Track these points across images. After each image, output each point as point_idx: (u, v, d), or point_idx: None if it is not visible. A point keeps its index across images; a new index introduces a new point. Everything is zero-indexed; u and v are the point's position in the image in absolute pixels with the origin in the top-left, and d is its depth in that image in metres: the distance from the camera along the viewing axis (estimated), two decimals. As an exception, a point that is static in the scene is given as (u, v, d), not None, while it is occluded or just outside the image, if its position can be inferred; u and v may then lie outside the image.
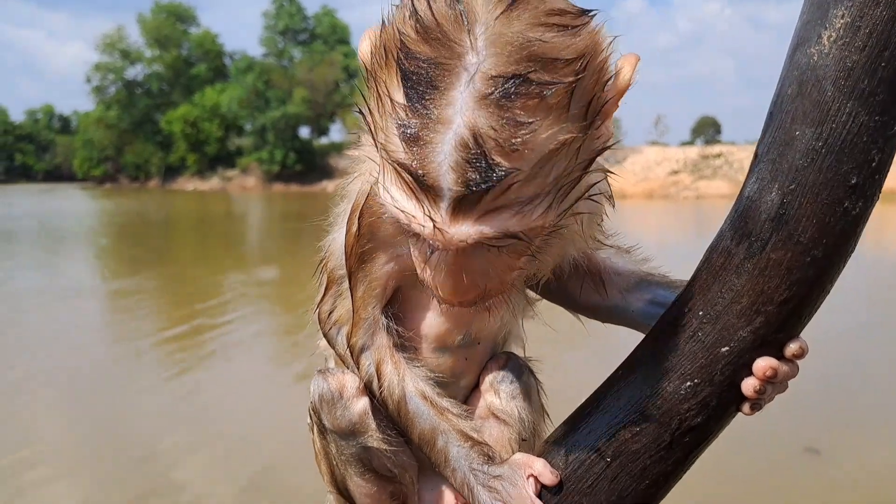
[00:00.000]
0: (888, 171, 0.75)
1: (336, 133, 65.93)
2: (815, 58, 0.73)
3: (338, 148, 57.44)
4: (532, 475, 0.84)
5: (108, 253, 16.28)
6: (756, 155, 0.78)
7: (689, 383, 0.78)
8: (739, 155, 41.69)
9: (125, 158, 64.55)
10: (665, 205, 34.40)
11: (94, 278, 12.58)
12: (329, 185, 52.09)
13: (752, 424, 4.91)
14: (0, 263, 13.13)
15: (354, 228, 0.89)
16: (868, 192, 0.73)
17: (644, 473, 0.81)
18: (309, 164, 55.96)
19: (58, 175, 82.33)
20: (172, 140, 62.41)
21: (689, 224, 25.33)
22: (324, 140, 61.57)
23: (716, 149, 44.26)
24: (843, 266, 0.77)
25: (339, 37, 63.06)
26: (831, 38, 0.72)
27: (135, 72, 65.01)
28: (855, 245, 0.77)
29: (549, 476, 0.83)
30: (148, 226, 25.15)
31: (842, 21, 0.71)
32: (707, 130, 73.34)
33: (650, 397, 0.80)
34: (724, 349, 0.77)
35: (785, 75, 0.76)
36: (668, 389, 0.79)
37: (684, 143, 58.30)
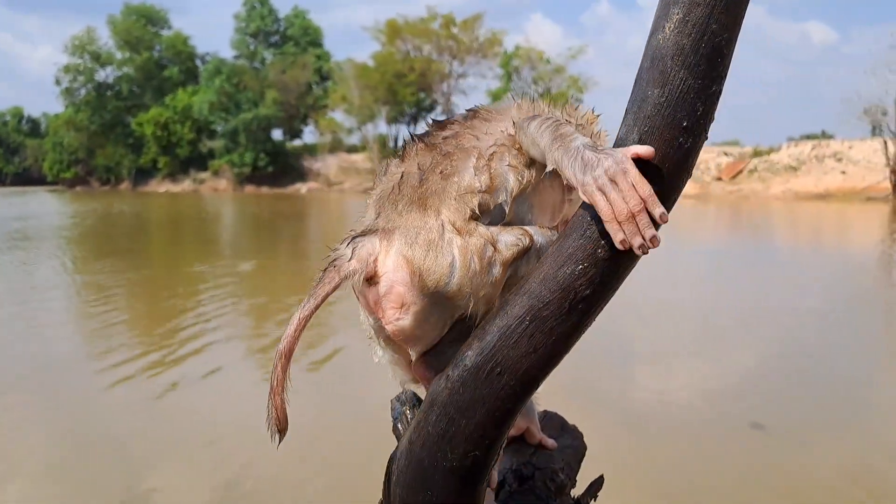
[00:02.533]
0: (712, 117, 1.11)
1: (309, 135, 65.60)
2: (661, 41, 1.09)
3: (311, 150, 57.40)
4: (637, 153, 1.07)
5: (79, 254, 16.32)
6: (626, 110, 1.14)
7: (580, 266, 1.14)
8: (705, 156, 42.46)
9: (96, 161, 63.99)
10: (634, 205, 34.84)
11: (65, 279, 12.64)
12: (302, 187, 52.19)
13: (698, 401, 5.31)
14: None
15: None
16: (695, 132, 1.09)
17: (552, 331, 1.16)
18: (282, 166, 55.87)
19: (27, 178, 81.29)
20: (143, 142, 61.96)
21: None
22: (297, 142, 61.46)
23: (683, 150, 44.95)
24: (683, 183, 1.13)
25: (311, 39, 63.05)
26: (670, 28, 1.08)
27: (105, 74, 64.43)
28: (690, 169, 1.13)
29: (649, 151, 1.07)
30: (120, 227, 25.10)
31: (677, 16, 1.08)
32: (676, 132, 74.31)
33: (554, 277, 1.15)
34: (602, 242, 1.13)
35: (644, 53, 1.12)
36: (567, 272, 1.14)
37: (654, 145, 58.96)
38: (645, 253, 1.09)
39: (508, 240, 1.25)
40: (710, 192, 39.69)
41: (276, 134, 59.55)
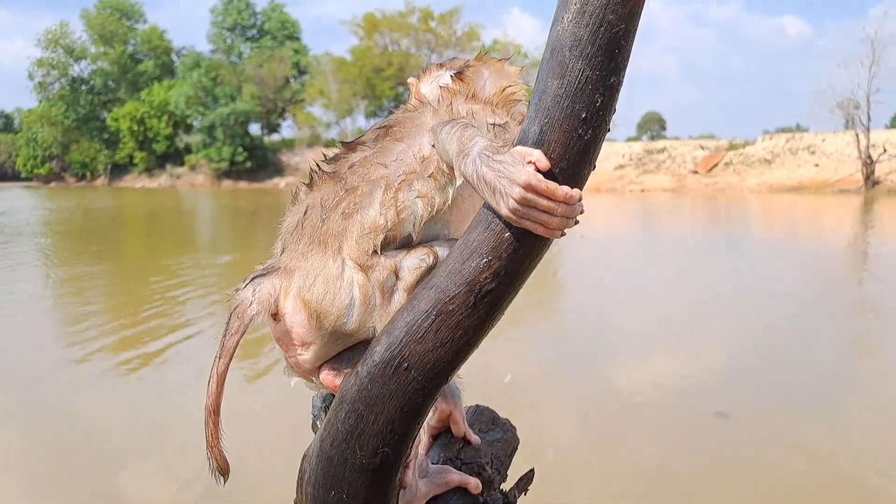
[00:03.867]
0: (612, 108, 1.10)
1: (287, 129, 65.36)
2: (560, 32, 1.08)
3: (289, 144, 57.20)
4: (531, 161, 1.06)
5: (55, 250, 16.15)
6: (529, 101, 1.14)
7: (485, 260, 1.13)
8: (682, 149, 42.80)
9: (71, 156, 63.27)
10: (611, 198, 35.16)
11: (42, 275, 12.52)
12: (280, 182, 51.93)
13: (662, 389, 5.34)
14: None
15: None
16: (595, 124, 1.08)
17: (458, 325, 1.15)
18: (259, 161, 55.62)
19: (1, 174, 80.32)
20: (119, 138, 61.41)
21: (633, 215, 25.98)
22: (274, 137, 61.13)
23: (660, 144, 45.37)
24: (586, 174, 1.12)
25: (288, 32, 62.71)
26: (568, 19, 1.07)
27: (79, 68, 63.68)
28: (593, 161, 1.12)
29: (544, 162, 1.06)
30: (97, 223, 24.85)
31: (574, 7, 1.07)
32: (652, 126, 74.88)
33: (459, 271, 1.14)
34: (506, 234, 1.12)
35: (546, 44, 1.12)
36: (471, 265, 1.14)
37: (631, 139, 59.52)
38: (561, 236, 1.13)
39: (411, 264, 1.25)
40: (687, 186, 39.99)
41: (254, 128, 59.32)
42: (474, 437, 1.63)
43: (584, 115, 1.08)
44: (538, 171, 1.07)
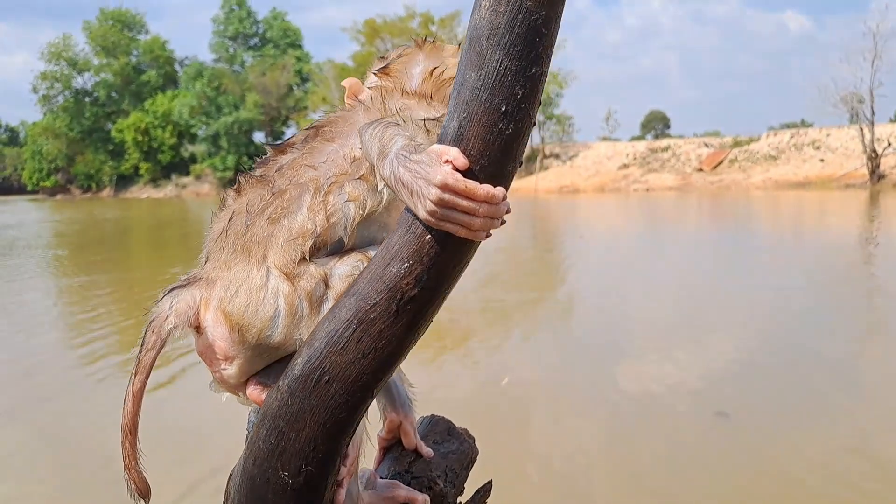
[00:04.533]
0: (536, 100, 1.03)
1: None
2: (478, 20, 1.01)
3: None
4: (448, 160, 1.00)
5: (63, 261, 16.17)
6: (450, 96, 1.07)
7: (406, 265, 1.06)
8: (686, 147, 42.67)
9: (76, 168, 63.52)
10: (615, 197, 35.07)
11: (50, 285, 12.54)
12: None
13: (662, 388, 5.24)
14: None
15: None
16: (517, 117, 1.01)
17: (381, 335, 1.08)
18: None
19: (7, 188, 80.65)
20: (124, 149, 61.62)
21: (637, 214, 25.87)
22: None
23: (664, 142, 45.24)
24: (510, 171, 1.06)
25: (290, 40, 62.85)
26: (485, 6, 1.01)
27: (83, 80, 63.94)
28: (518, 157, 1.05)
29: (462, 160, 0.99)
30: (103, 234, 24.92)
31: (492, -7, 1.00)
32: (656, 124, 74.66)
33: (380, 276, 1.08)
34: (427, 237, 1.05)
35: (465, 34, 1.05)
36: (392, 271, 1.07)
37: (635, 138, 59.36)
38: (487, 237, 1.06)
39: (343, 271, 1.18)
40: (692, 183, 39.82)
41: (258, 136, 59.37)
42: (426, 450, 1.55)
43: (504, 109, 1.01)
44: (456, 169, 1.01)
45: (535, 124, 1.06)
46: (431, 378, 5.89)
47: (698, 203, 29.39)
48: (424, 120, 1.25)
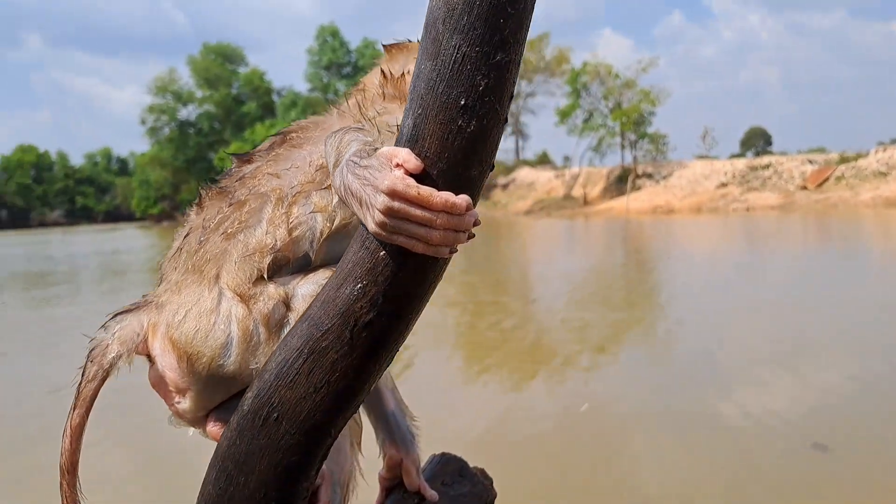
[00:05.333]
0: (504, 92, 0.88)
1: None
2: (434, 2, 0.87)
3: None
4: (398, 164, 0.87)
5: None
6: (408, 91, 0.93)
7: (359, 285, 0.92)
8: (789, 165, 40.88)
9: (181, 196, 66.45)
10: (713, 217, 33.86)
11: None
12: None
13: (756, 419, 4.88)
14: (69, 308, 13.49)
15: None
16: (480, 112, 0.86)
17: (334, 366, 0.94)
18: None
19: (117, 215, 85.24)
20: (225, 176, 63.94)
21: (737, 235, 24.87)
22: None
23: (765, 160, 43.48)
24: (476, 174, 0.90)
25: (381, 68, 64.02)
26: (441, -15, 0.87)
27: (187, 112, 67.13)
28: (486, 159, 0.90)
29: (413, 162, 0.86)
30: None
31: (448, -31, 0.86)
32: (757, 141, 71.92)
33: (333, 299, 0.94)
34: (381, 254, 0.91)
35: (423, 21, 0.91)
36: (346, 292, 0.93)
37: (734, 156, 57.31)
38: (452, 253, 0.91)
39: (307, 290, 1.05)
40: (795, 202, 37.99)
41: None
42: (430, 493, 1.40)
43: (463, 102, 0.86)
44: (409, 174, 0.87)
45: (506, 120, 0.90)
46: (510, 400, 5.73)
47: (803, 222, 27.98)
48: (398, 125, 1.11)
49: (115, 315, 1.11)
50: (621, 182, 46.28)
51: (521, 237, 28.83)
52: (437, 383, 6.62)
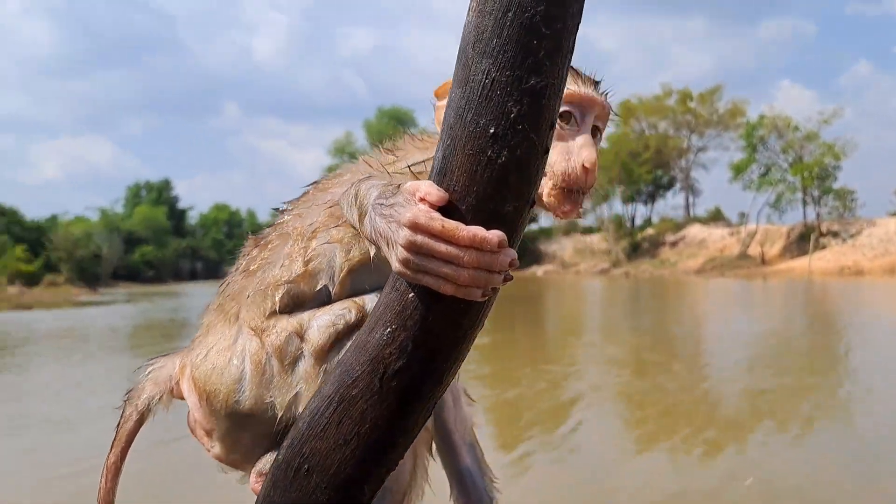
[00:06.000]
0: (540, 120, 0.79)
1: (545, 219, 66.77)
2: (466, 27, 0.82)
3: (546, 233, 58.00)
4: (422, 198, 0.81)
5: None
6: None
7: (388, 330, 0.86)
8: None
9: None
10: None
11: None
12: (539, 270, 52.63)
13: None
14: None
15: None
16: (512, 142, 0.78)
17: (363, 417, 0.87)
18: (518, 250, 56.90)
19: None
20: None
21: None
22: (532, 226, 62.48)
23: None
24: (512, 210, 0.82)
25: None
26: (473, 8, 0.81)
27: (361, 172, 71.07)
28: (525, 194, 0.81)
29: (436, 194, 0.80)
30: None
31: (479, -9, 0.80)
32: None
33: (364, 344, 0.88)
34: (410, 296, 0.84)
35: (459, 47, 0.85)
36: (376, 336, 0.87)
37: (933, 212, 52.04)
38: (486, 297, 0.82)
39: (324, 321, 1.01)
40: None
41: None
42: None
43: (493, 131, 0.78)
44: (434, 207, 0.80)
45: (546, 151, 0.82)
46: (671, 464, 5.43)
47: None
48: (410, 165, 1.08)
49: (154, 359, 1.14)
50: (803, 240, 43.32)
51: (692, 297, 27.51)
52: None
